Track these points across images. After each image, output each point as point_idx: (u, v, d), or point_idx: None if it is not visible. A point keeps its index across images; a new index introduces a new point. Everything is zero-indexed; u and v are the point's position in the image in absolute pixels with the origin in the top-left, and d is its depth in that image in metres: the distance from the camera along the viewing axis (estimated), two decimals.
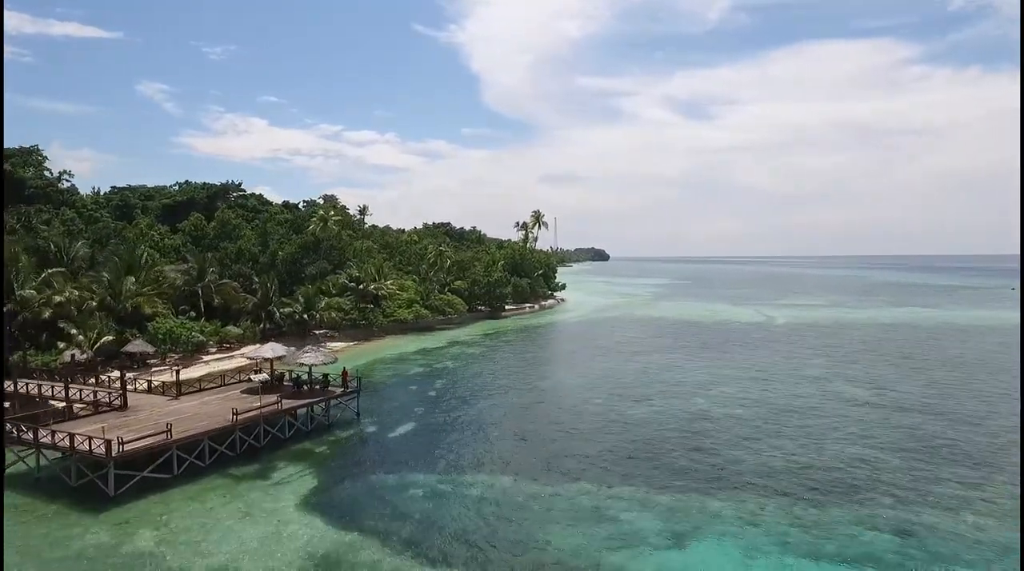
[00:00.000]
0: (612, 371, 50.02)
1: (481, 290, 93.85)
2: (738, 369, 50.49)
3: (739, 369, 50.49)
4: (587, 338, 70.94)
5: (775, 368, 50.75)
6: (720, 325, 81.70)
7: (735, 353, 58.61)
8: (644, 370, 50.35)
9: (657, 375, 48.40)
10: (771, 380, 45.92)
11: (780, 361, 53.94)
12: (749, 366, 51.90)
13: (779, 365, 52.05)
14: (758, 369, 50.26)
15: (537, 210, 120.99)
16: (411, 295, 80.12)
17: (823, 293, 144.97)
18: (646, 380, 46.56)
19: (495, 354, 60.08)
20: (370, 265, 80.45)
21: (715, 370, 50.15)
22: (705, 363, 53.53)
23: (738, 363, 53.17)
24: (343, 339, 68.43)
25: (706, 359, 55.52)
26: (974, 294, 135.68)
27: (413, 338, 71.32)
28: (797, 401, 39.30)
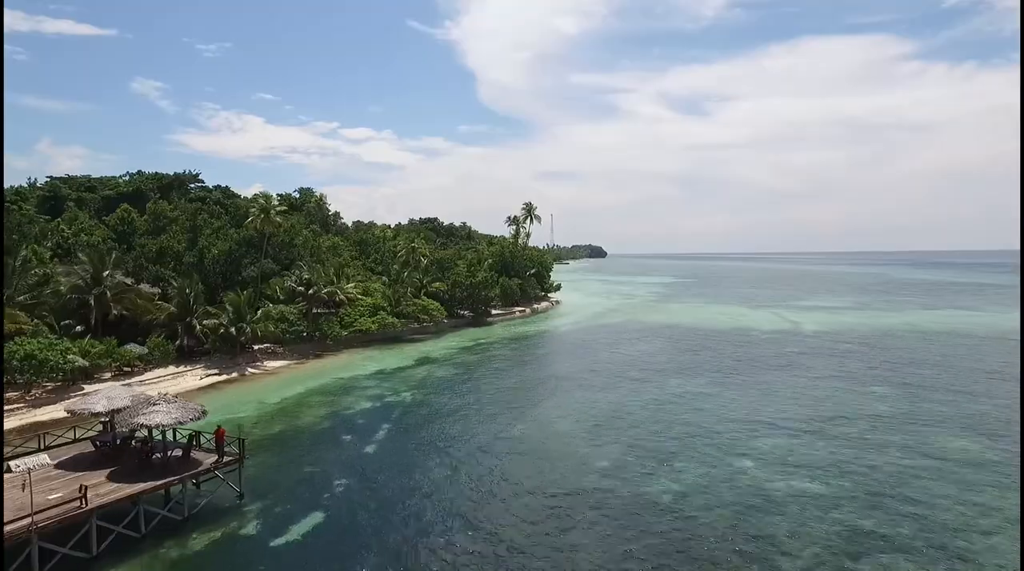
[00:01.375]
0: (618, 409, 37.79)
1: (463, 293, 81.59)
2: (785, 404, 38.35)
3: (786, 404, 38.35)
4: (585, 354, 58.70)
5: (833, 401, 38.62)
6: (742, 334, 69.58)
7: (773, 377, 46.45)
8: (660, 407, 38.14)
9: (679, 415, 36.20)
10: (837, 423, 33.78)
11: (836, 390, 41.81)
12: (796, 397, 39.79)
13: (837, 397, 39.92)
14: (811, 404, 38.13)
15: (529, 202, 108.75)
16: (377, 300, 67.85)
17: (841, 293, 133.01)
18: (665, 424, 34.35)
19: (470, 379, 47.80)
20: (329, 265, 68.10)
21: (755, 406, 37.99)
22: (738, 393, 41.39)
23: (782, 393, 41.03)
24: (288, 356, 56.13)
25: (738, 386, 43.37)
26: (1005, 293, 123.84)
27: (375, 353, 59.02)
28: (894, 464, 27.14)
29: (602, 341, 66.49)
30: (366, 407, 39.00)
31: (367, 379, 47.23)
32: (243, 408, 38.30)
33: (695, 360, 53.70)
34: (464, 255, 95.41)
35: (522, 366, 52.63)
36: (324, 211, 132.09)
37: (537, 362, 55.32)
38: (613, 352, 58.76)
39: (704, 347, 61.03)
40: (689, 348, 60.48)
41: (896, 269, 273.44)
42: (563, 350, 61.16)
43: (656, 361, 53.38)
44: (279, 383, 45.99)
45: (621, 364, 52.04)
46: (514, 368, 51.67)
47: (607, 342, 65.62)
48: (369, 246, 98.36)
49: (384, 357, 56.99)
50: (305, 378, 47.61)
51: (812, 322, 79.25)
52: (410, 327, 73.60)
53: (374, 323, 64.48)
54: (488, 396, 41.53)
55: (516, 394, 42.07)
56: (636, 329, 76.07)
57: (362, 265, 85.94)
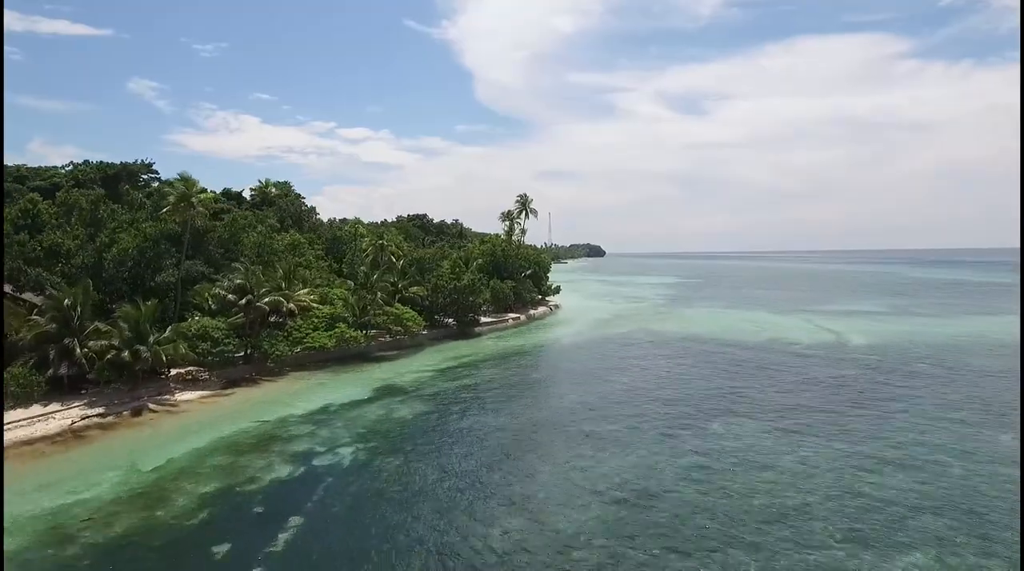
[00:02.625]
0: (647, 481, 25.53)
1: (445, 299, 69.26)
2: (894, 469, 26.09)
3: (896, 469, 26.10)
4: (592, 380, 46.45)
5: (972, 462, 26.40)
6: (780, 350, 57.43)
7: (854, 418, 34.20)
8: (709, 476, 25.85)
9: (742, 493, 23.90)
10: (981, 512, 21.62)
11: (962, 438, 29.57)
12: (900, 462, 27.51)
13: (974, 451, 27.68)
14: (938, 468, 25.89)
15: (523, 194, 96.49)
16: (337, 309, 55.48)
17: (866, 295, 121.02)
18: (726, 512, 22.10)
19: (441, 424, 35.41)
20: (277, 267, 55.72)
21: (853, 471, 25.77)
22: (816, 446, 29.16)
23: (882, 448, 28.76)
24: (212, 384, 43.80)
25: (811, 434, 31.14)
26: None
27: (327, 379, 46.73)
28: None
29: (611, 359, 54.22)
30: (280, 477, 26.63)
31: (300, 423, 34.83)
32: (95, 480, 25.93)
33: (734, 389, 41.49)
34: (449, 254, 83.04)
35: (512, 401, 40.23)
36: (298, 206, 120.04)
37: (532, 394, 42.95)
38: (627, 377, 46.48)
39: (739, 368, 48.86)
40: (721, 370, 48.27)
41: (907, 268, 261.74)
42: (564, 374, 48.81)
43: (685, 392, 41.13)
44: (177, 429, 33.59)
45: (640, 397, 39.73)
46: (502, 405, 39.29)
47: (617, 361, 53.35)
48: (344, 245, 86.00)
49: (336, 384, 44.65)
50: (217, 420, 35.22)
51: (856, 332, 67.15)
52: (380, 341, 61.28)
53: (330, 338, 52.13)
54: (462, 458, 29.16)
55: (502, 455, 29.67)
56: (650, 342, 63.82)
57: (328, 267, 73.56)
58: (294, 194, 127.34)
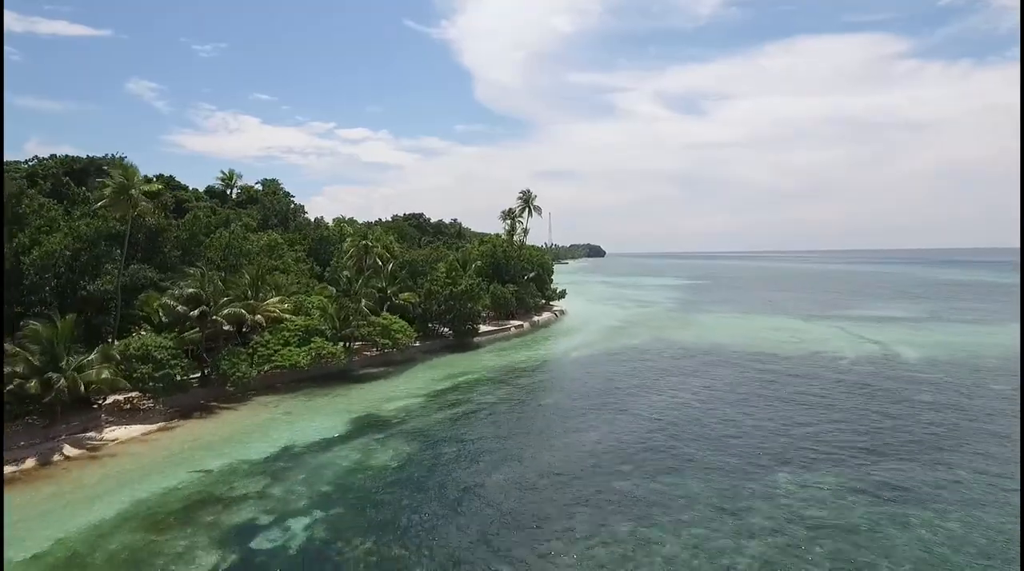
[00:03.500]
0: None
1: (440, 306, 61.63)
2: None
3: None
4: (611, 407, 38.85)
5: None
6: (823, 365, 49.90)
7: (962, 467, 26.64)
8: (800, 557, 18.35)
9: None
10: None
11: None
12: None
13: None
14: None
15: (526, 190, 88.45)
16: (314, 321, 47.85)
17: (892, 298, 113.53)
18: None
19: (429, 480, 27.70)
20: (244, 272, 48.20)
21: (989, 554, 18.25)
22: (931, 523, 21.61)
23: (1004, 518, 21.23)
24: (155, 415, 36.18)
25: (910, 497, 23.59)
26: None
27: (295, 406, 39.09)
28: None
29: (631, 379, 46.61)
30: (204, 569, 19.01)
31: (250, 474, 27.17)
32: None
33: (790, 421, 33.92)
34: (445, 256, 75.38)
35: (519, 441, 32.55)
36: (285, 204, 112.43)
37: (542, 429, 35.22)
38: (654, 405, 38.87)
39: (785, 390, 41.29)
40: (765, 394, 40.69)
41: (917, 268, 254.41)
42: (579, 401, 41.13)
43: (730, 427, 33.52)
44: (88, 487, 25.91)
45: (678, 436, 32.09)
46: (507, 446, 31.64)
47: (639, 382, 45.74)
48: (331, 246, 78.37)
49: (306, 415, 36.98)
50: (146, 470, 27.55)
51: (902, 343, 59.65)
52: (365, 356, 53.70)
53: (304, 355, 44.50)
54: (456, 535, 21.53)
55: (510, 527, 22.03)
56: (671, 356, 56.25)
57: (309, 271, 65.91)
58: (282, 192, 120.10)
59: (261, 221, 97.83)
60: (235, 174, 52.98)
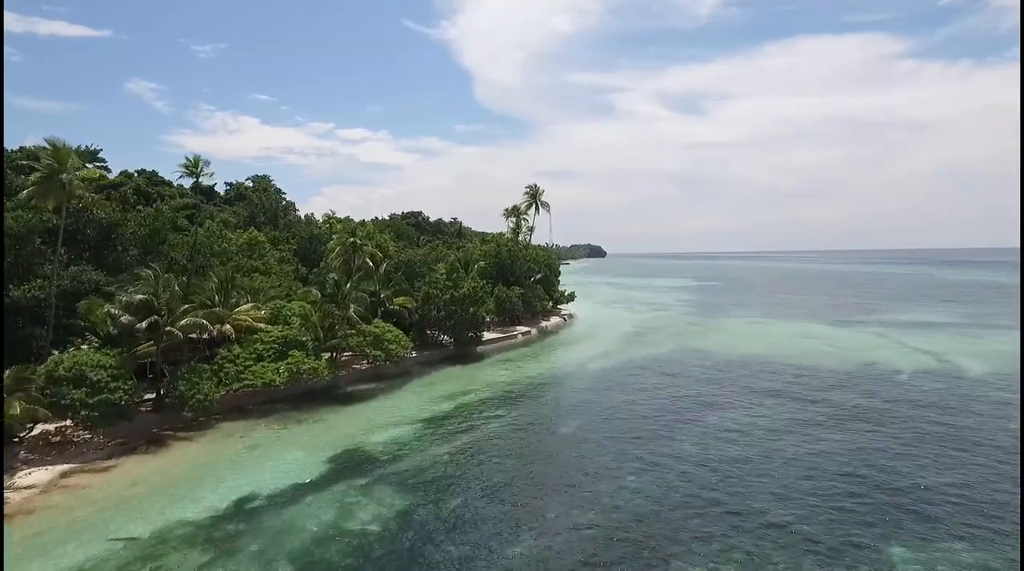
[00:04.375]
0: None
1: (440, 312, 55.01)
2: None
3: None
4: (644, 447, 32.21)
5: None
6: (882, 380, 43.34)
7: None
8: None
9: None
10: None
11: None
12: None
13: None
14: None
15: (533, 185, 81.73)
16: (293, 331, 41.23)
17: (922, 301, 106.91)
18: None
19: (422, 551, 21.14)
20: (211, 275, 41.67)
21: None
22: None
23: None
24: (88, 452, 29.63)
25: None
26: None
27: (263, 437, 32.45)
28: None
29: (660, 402, 40.00)
30: None
31: (188, 544, 20.50)
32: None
33: (883, 466, 27.35)
34: (445, 256, 68.76)
35: (537, 490, 25.97)
36: (274, 201, 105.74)
37: (563, 477, 28.51)
38: (696, 438, 32.25)
39: (849, 416, 34.70)
40: (828, 423, 34.06)
41: (932, 268, 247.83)
42: (603, 432, 34.40)
43: (806, 471, 26.90)
44: None
45: (736, 488, 25.48)
46: (520, 500, 25.05)
47: (669, 405, 39.13)
48: (322, 245, 71.74)
49: (276, 448, 30.34)
50: (47, 542, 20.90)
51: (960, 353, 53.09)
52: (353, 369, 47.12)
53: (280, 372, 37.87)
54: None
55: None
56: (702, 371, 49.66)
57: (294, 272, 59.23)
58: (273, 189, 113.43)
59: (248, 218, 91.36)
60: (201, 161, 46.35)
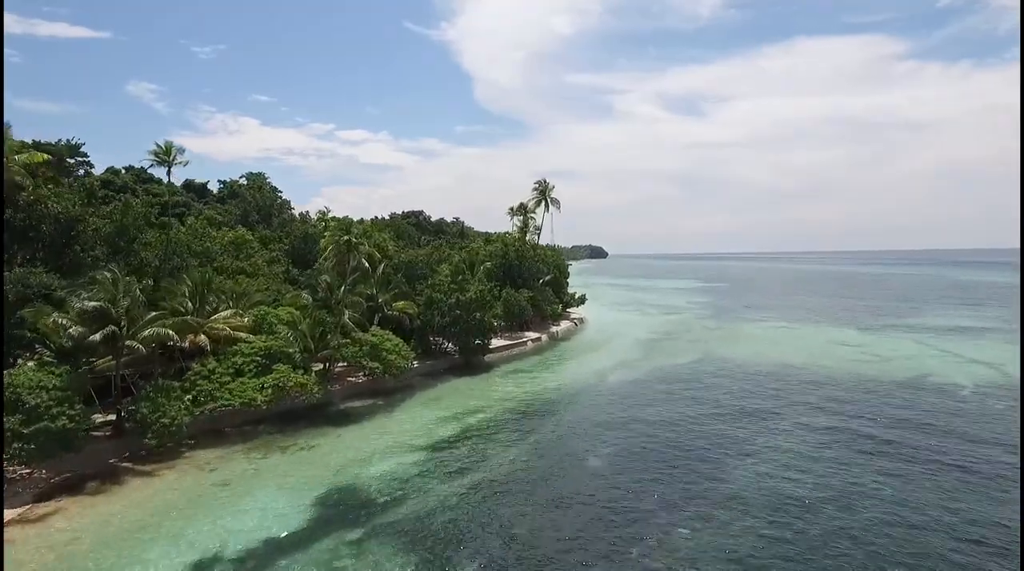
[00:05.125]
0: None
1: (443, 318, 49.96)
2: None
3: None
4: (688, 482, 27.28)
5: None
6: (948, 401, 38.38)
7: None
8: None
9: None
10: None
11: None
12: None
13: None
14: None
15: (543, 180, 76.35)
16: (278, 341, 36.22)
17: (948, 303, 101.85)
18: None
19: None
20: (183, 278, 36.73)
21: None
22: None
23: None
24: (21, 493, 24.58)
25: None
26: None
27: (243, 468, 27.38)
28: None
29: (694, 420, 34.99)
30: None
31: None
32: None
33: (983, 511, 22.38)
34: (449, 256, 63.75)
35: (570, 555, 20.98)
36: (268, 199, 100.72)
37: (601, 529, 23.53)
38: (753, 472, 27.26)
39: (929, 444, 29.74)
40: (909, 449, 29.09)
41: (943, 269, 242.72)
42: (639, 465, 29.43)
43: (895, 517, 21.92)
44: None
45: (819, 547, 20.47)
46: (554, 568, 20.05)
47: (708, 425, 34.12)
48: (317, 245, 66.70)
49: (248, 488, 25.26)
50: None
51: (1016, 363, 48.13)
52: (348, 383, 42.10)
53: (263, 389, 32.86)
54: None
55: None
56: (735, 384, 44.65)
57: (284, 274, 54.16)
58: (268, 187, 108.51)
59: (240, 217, 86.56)
60: (174, 147, 41.30)
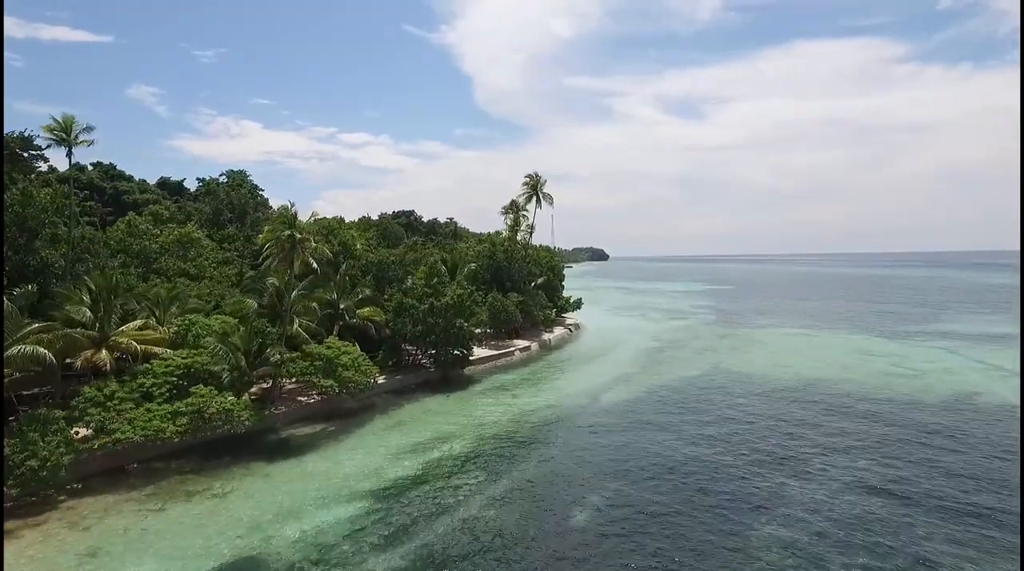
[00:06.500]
0: None
1: (415, 326, 43.70)
2: None
3: None
4: (708, 553, 20.95)
5: None
6: (987, 420, 32.06)
7: None
8: None
9: None
10: None
11: None
12: None
13: None
14: None
15: (534, 174, 70.19)
16: (201, 358, 29.99)
17: (968, 308, 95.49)
18: None
19: None
20: (88, 281, 30.61)
21: None
22: None
23: None
24: None
25: None
26: None
27: (127, 528, 20.97)
28: None
29: (708, 454, 28.70)
30: None
31: None
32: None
33: None
34: (428, 257, 57.46)
35: None
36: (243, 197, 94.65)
37: None
38: (786, 530, 20.98)
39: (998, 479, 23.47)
40: (975, 489, 22.83)
41: (951, 271, 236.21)
42: (644, 517, 23.18)
43: None
44: None
45: None
46: None
47: (727, 460, 27.82)
48: None
49: (123, 562, 19.05)
50: None
51: None
52: (299, 403, 35.78)
53: (177, 417, 26.64)
54: None
55: None
56: (752, 403, 38.35)
57: (236, 276, 47.95)
58: (249, 185, 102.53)
59: (212, 216, 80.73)
60: (75, 123, 34.62)
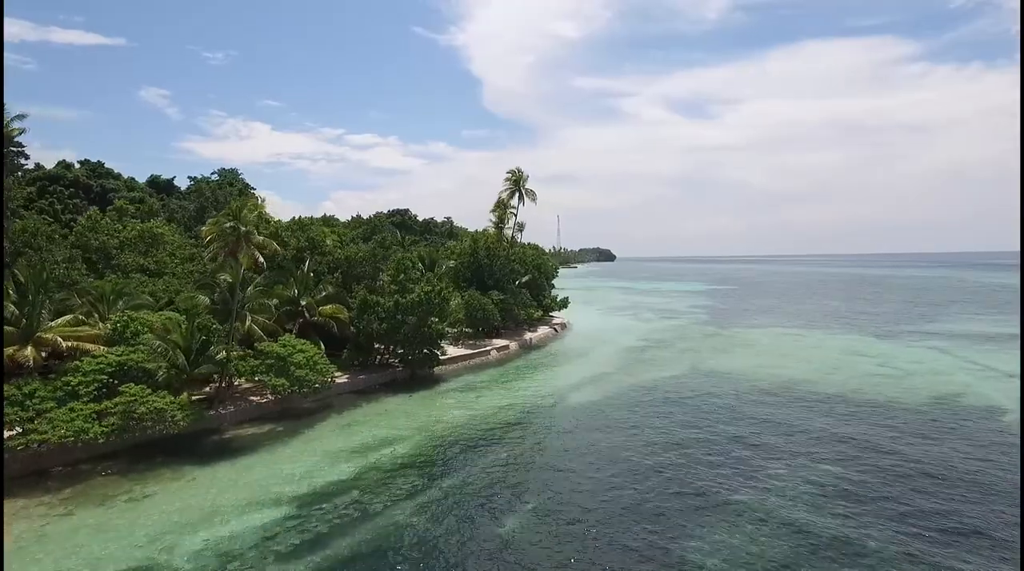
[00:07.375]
0: None
1: (381, 324, 42.40)
2: None
3: None
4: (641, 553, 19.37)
5: None
6: (990, 431, 30.23)
7: None
8: None
9: None
10: None
11: None
12: None
13: None
14: None
15: (516, 169, 68.45)
16: (136, 355, 28.83)
17: (969, 308, 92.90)
18: None
19: None
20: (20, 276, 29.59)
21: None
22: None
23: None
24: None
25: None
26: None
27: (27, 536, 19.83)
28: None
29: (670, 462, 27.13)
30: None
31: None
32: None
33: None
34: (404, 254, 56.11)
35: None
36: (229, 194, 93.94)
37: None
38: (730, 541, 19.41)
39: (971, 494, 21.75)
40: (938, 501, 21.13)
41: (941, 271, 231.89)
42: (576, 527, 21.74)
43: None
44: None
45: None
46: None
47: (686, 469, 26.24)
48: None
49: None
50: None
51: None
52: (252, 403, 34.54)
53: (104, 418, 25.46)
54: None
55: None
56: (726, 406, 36.70)
57: (200, 273, 46.92)
58: (240, 184, 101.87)
59: (195, 213, 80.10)
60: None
